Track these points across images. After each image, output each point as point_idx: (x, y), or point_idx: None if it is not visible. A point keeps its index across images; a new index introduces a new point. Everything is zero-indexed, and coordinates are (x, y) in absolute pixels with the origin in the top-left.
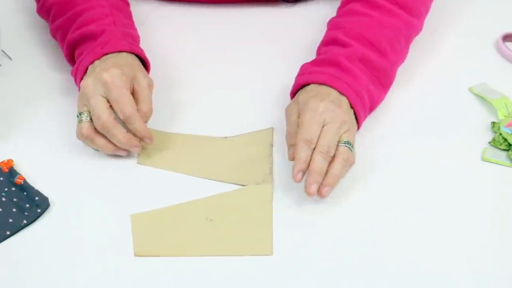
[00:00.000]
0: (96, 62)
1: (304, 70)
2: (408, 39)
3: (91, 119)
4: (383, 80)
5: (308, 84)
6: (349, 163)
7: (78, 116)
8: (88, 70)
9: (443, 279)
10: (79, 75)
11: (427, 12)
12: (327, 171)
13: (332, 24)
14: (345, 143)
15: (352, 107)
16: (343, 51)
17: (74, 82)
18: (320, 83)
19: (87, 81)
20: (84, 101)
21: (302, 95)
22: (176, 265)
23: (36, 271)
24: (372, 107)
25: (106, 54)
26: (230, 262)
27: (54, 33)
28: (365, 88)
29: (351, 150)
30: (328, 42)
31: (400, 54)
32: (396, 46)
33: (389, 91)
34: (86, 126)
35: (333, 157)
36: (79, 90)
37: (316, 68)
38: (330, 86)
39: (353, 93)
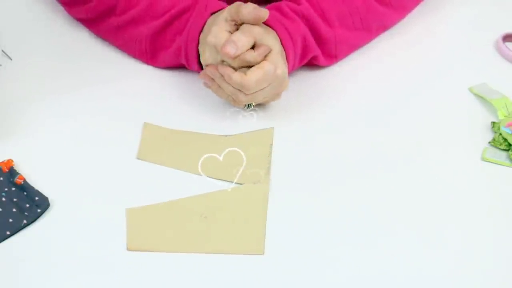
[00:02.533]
0: (204, 27)
1: None
2: (368, 23)
3: None
4: (324, 47)
5: None
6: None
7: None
8: (200, 38)
9: (443, 279)
10: (190, 45)
11: (403, 7)
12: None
13: None
14: None
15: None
16: (289, 3)
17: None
18: None
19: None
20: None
21: None
22: (168, 261)
23: (36, 271)
24: (304, 56)
25: (212, 13)
26: (220, 260)
27: (119, 26)
28: (301, 35)
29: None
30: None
31: (351, 32)
32: (347, 22)
33: (389, 91)
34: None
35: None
36: (188, 65)
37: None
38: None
39: (287, 34)
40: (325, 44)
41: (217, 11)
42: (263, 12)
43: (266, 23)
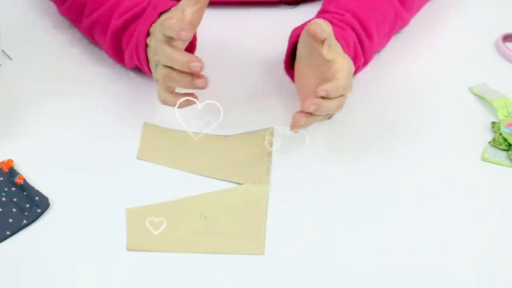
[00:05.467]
0: (152, 28)
1: (295, 28)
2: (393, 28)
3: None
4: (364, 56)
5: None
6: None
7: (154, 68)
8: (149, 33)
9: (443, 280)
10: (140, 45)
11: (418, 9)
12: None
13: (326, 0)
14: None
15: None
16: (333, 15)
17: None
18: None
19: (150, 43)
20: (155, 57)
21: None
22: (168, 261)
23: (36, 271)
24: (355, 63)
25: (161, 13)
26: (220, 260)
27: (89, 27)
28: (352, 42)
29: None
30: (319, 13)
31: (382, 39)
32: (381, 31)
33: (388, 90)
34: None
35: None
36: (141, 67)
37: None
38: None
39: (341, 39)
40: (365, 53)
41: (167, 10)
42: None
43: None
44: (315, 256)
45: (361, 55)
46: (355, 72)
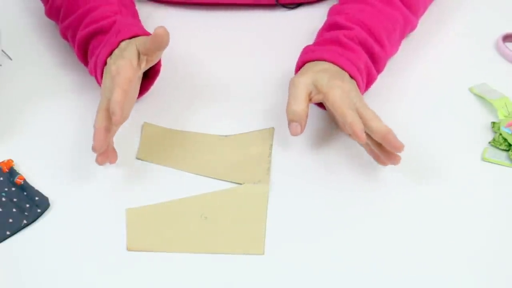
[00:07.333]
0: (114, 52)
1: (307, 49)
2: (403, 34)
3: None
4: (377, 67)
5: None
6: None
7: None
8: (107, 63)
9: (443, 280)
10: (98, 71)
11: (424, 11)
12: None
13: (333, 10)
14: None
15: (353, 78)
16: (344, 32)
17: (92, 79)
18: (323, 60)
19: (104, 80)
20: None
21: (311, 71)
22: (168, 261)
23: (36, 271)
24: (368, 85)
25: (122, 40)
26: (220, 260)
27: (64, 32)
28: (364, 63)
29: None
30: (329, 26)
31: (394, 46)
32: (392, 38)
33: (388, 90)
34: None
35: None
36: (100, 85)
37: (318, 47)
38: (332, 62)
39: (354, 68)
40: (378, 63)
41: (128, 38)
42: (160, 30)
43: (331, 61)
44: (315, 256)
45: (373, 71)
46: (370, 84)
